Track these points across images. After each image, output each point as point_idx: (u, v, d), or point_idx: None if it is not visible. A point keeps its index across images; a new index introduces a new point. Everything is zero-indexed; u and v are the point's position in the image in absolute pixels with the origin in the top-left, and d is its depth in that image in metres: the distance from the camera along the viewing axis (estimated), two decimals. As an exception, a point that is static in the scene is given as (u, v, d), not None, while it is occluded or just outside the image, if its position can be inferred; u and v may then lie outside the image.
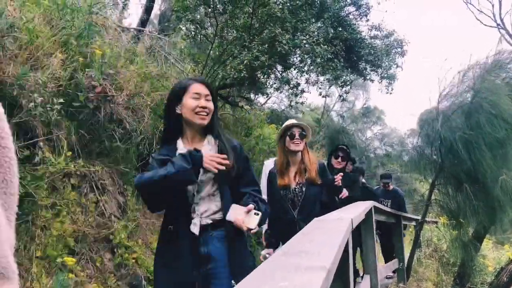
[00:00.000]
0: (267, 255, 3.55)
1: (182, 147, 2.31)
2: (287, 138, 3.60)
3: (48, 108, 3.67)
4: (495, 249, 11.97)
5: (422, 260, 9.50)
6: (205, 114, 2.28)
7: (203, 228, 2.24)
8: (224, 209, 2.28)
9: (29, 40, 3.98)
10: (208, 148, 2.33)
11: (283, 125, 3.72)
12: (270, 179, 3.68)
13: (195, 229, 2.22)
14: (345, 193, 4.57)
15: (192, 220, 2.25)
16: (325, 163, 3.73)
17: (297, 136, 3.56)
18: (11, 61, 3.73)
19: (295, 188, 3.57)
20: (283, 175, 3.60)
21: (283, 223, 3.49)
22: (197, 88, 2.29)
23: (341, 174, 3.57)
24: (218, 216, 2.29)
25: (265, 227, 3.85)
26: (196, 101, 2.26)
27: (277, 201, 3.55)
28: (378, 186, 8.15)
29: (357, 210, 3.00)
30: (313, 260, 1.06)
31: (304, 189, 3.54)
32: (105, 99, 4.46)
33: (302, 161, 3.62)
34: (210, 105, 2.31)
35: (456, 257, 8.04)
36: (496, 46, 6.98)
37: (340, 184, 3.53)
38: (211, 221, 2.26)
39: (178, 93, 2.32)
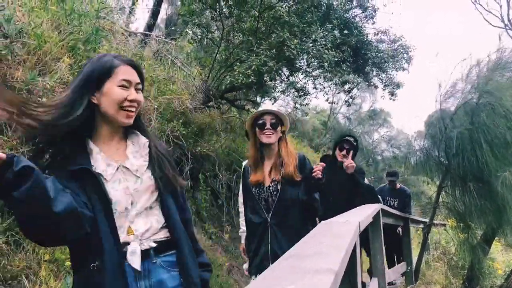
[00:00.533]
0: None
1: (97, 150, 1.67)
2: (257, 128, 3.03)
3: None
4: (505, 252, 11.88)
5: (430, 263, 9.44)
6: (134, 110, 1.70)
7: (143, 255, 1.62)
8: (171, 224, 1.72)
9: (37, 45, 4.02)
10: (133, 150, 1.76)
11: (253, 113, 3.14)
12: (244, 176, 3.18)
13: (134, 260, 1.59)
14: (351, 163, 4.25)
15: (128, 247, 1.60)
16: (305, 156, 3.15)
17: (268, 126, 2.97)
18: (20, 66, 3.77)
19: (269, 186, 2.98)
20: (256, 170, 3.05)
21: (256, 227, 2.99)
22: (127, 73, 1.68)
23: (323, 164, 2.81)
24: (163, 235, 1.70)
25: (244, 231, 3.43)
26: (124, 92, 1.65)
27: (250, 201, 3.08)
28: (384, 185, 8.11)
29: (364, 213, 2.99)
30: (321, 263, 1.06)
31: (279, 187, 2.95)
32: (113, 103, 4.48)
33: (278, 154, 3.02)
34: (141, 97, 1.72)
35: (465, 260, 7.99)
36: (499, 44, 6.96)
37: (320, 176, 2.76)
38: (154, 244, 1.66)
39: (98, 76, 1.65)
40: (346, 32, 9.24)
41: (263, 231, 2.94)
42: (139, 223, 1.65)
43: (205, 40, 8.41)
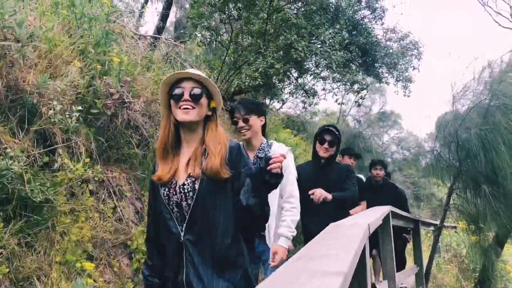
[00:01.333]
0: None
1: None
2: (172, 100, 2.08)
3: (67, 116, 3.73)
4: (517, 254, 11.75)
5: (441, 266, 9.37)
6: None
7: None
8: None
9: (48, 49, 4.07)
10: None
11: (166, 77, 2.14)
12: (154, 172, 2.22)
13: None
14: (319, 195, 3.45)
15: None
16: (241, 145, 2.18)
17: (186, 97, 2.02)
18: (31, 70, 3.81)
19: (183, 185, 2.03)
20: (165, 161, 2.09)
21: (166, 246, 2.08)
22: None
23: (283, 154, 1.91)
24: None
25: None
26: None
27: (159, 207, 2.13)
28: None
29: (374, 215, 2.98)
30: (330, 265, 1.06)
31: (197, 186, 2.01)
32: (123, 106, 4.51)
33: (202, 140, 2.10)
34: None
35: (476, 262, 7.92)
36: (512, 46, 6.92)
37: (279, 172, 1.88)
38: None
39: None
40: (355, 33, 9.23)
41: (177, 251, 2.03)
42: None
43: (214, 42, 8.45)
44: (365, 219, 2.44)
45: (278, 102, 12.23)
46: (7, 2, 3.57)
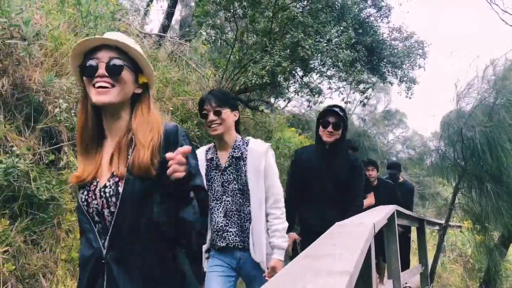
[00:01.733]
0: None
1: None
2: (85, 77, 1.54)
3: (73, 114, 3.75)
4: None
5: (446, 265, 9.34)
6: None
7: None
8: None
9: (54, 47, 4.08)
10: None
11: (76, 45, 1.54)
12: None
13: None
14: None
15: None
16: (179, 127, 1.64)
17: (102, 71, 1.50)
18: (37, 68, 3.83)
19: (105, 187, 1.54)
20: (86, 158, 1.60)
21: (85, 263, 1.57)
22: None
23: (187, 149, 1.39)
24: None
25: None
26: None
27: (80, 218, 1.63)
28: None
29: (379, 214, 2.97)
30: (335, 264, 1.06)
31: (120, 189, 1.51)
32: (128, 104, 4.53)
33: (129, 127, 1.58)
34: None
35: (482, 262, 7.90)
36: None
37: (180, 175, 1.37)
38: None
39: None
40: (361, 31, 9.21)
41: (95, 271, 1.54)
42: None
43: (219, 41, 8.44)
44: (371, 218, 2.44)
45: (284, 100, 12.22)
46: (14, 0, 3.58)
